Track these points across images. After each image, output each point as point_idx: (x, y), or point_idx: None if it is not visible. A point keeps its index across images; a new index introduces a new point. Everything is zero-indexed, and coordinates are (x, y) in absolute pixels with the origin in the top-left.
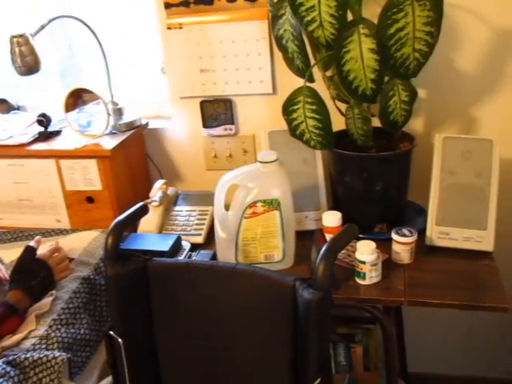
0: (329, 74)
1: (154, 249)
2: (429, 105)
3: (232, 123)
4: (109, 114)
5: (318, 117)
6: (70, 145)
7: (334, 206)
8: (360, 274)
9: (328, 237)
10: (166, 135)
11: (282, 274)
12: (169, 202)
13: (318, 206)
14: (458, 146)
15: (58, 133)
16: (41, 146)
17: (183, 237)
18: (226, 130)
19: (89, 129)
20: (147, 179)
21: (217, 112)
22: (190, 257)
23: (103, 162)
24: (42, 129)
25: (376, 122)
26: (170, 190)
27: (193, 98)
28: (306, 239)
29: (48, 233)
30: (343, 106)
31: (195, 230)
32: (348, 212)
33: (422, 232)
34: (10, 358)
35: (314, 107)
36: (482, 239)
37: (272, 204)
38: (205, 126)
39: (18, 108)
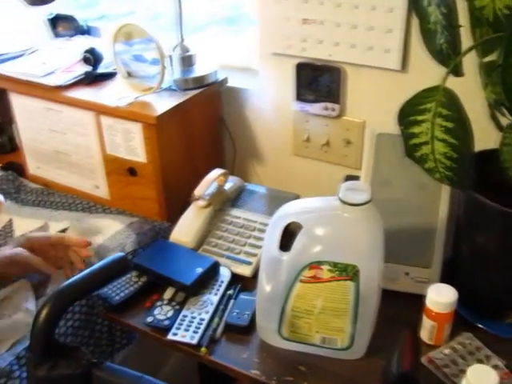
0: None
1: (171, 277)
2: None
3: (336, 101)
4: (164, 66)
5: (453, 141)
6: (114, 98)
7: (451, 268)
8: None
9: (427, 329)
10: (248, 99)
11: None
12: (222, 202)
13: (427, 262)
14: None
15: (109, 76)
16: (80, 93)
17: (227, 261)
18: (326, 108)
19: (146, 78)
20: (218, 153)
21: (318, 82)
22: (226, 297)
23: (149, 129)
24: (88, 68)
25: None
26: (231, 183)
27: (288, 57)
28: (399, 306)
29: (73, 205)
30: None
31: (246, 254)
32: (470, 284)
33: None
34: None
35: (449, 125)
36: None
37: (346, 272)
38: (299, 97)
39: (88, 31)
